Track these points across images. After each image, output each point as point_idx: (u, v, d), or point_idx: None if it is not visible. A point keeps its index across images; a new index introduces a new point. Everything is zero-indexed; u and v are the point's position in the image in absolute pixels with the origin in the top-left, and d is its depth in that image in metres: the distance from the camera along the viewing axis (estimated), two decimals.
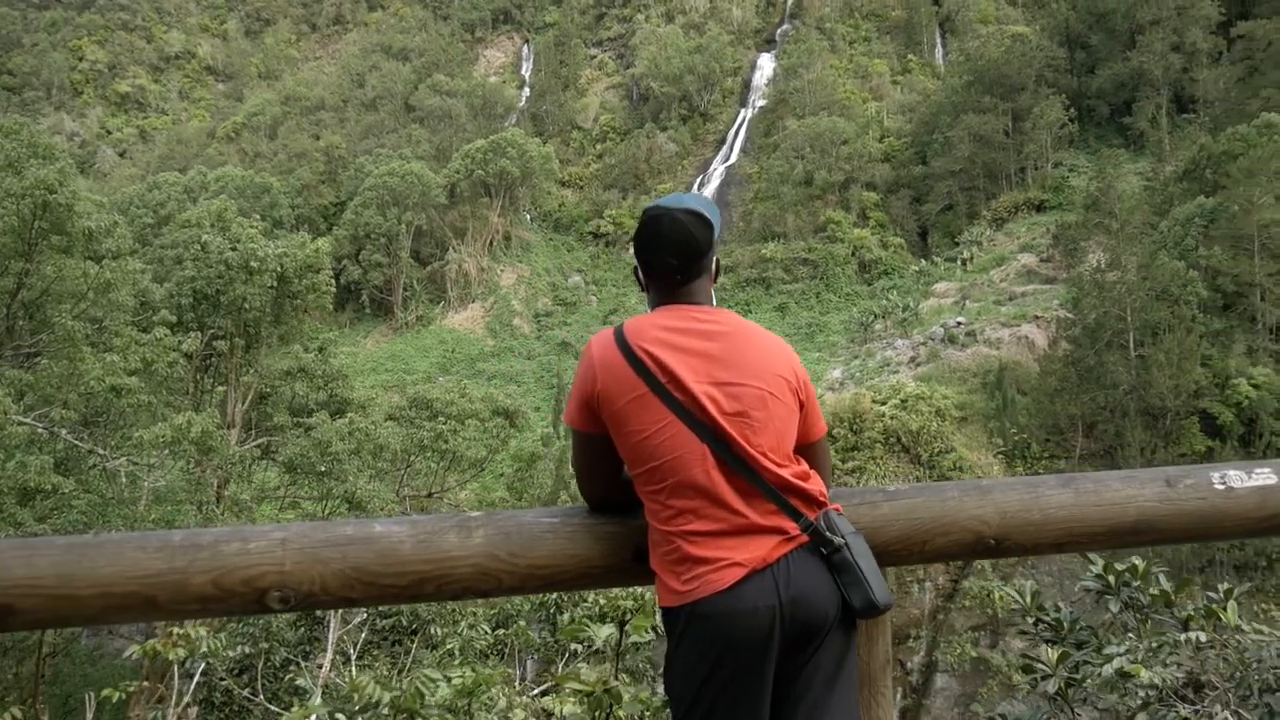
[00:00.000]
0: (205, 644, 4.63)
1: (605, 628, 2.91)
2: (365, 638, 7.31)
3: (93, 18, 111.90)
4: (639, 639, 2.93)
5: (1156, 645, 4.63)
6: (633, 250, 2.25)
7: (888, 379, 47.57)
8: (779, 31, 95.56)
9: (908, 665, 35.40)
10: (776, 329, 58.43)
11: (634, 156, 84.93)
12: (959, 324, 52.80)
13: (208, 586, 1.99)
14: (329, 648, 5.92)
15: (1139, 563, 4.86)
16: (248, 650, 7.02)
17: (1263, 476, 2.35)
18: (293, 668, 7.06)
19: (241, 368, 24.71)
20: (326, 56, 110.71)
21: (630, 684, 5.39)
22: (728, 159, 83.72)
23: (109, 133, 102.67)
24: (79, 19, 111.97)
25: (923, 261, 67.60)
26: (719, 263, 2.32)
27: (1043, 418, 44.62)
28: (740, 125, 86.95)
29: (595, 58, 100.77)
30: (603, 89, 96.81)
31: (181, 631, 4.64)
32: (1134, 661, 4.43)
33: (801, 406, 2.19)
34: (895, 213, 72.00)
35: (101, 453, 17.12)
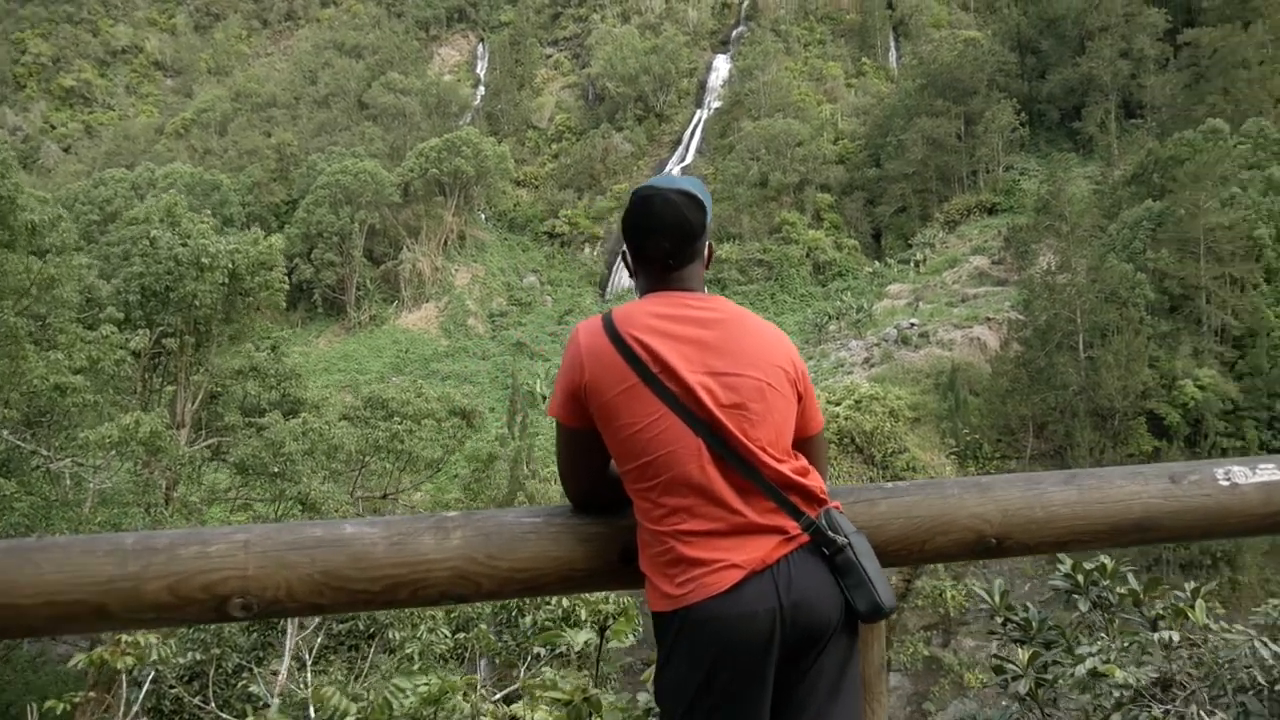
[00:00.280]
0: (155, 651, 4.45)
1: (583, 633, 2.79)
2: (321, 643, 7.13)
3: (36, 10, 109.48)
4: (619, 644, 2.80)
5: (1128, 645, 4.60)
6: (621, 233, 2.13)
7: (842, 380, 47.81)
8: (734, 33, 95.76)
9: None
10: None
11: (590, 156, 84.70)
12: (912, 325, 53.21)
13: (163, 593, 1.83)
14: (286, 654, 5.73)
15: (1108, 561, 4.83)
16: (199, 657, 6.81)
17: (1267, 472, 2.27)
18: (245, 674, 6.86)
19: (191, 366, 24.20)
20: (278, 53, 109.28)
21: (606, 692, 5.28)
22: (683, 160, 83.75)
23: (53, 128, 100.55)
24: (22, 11, 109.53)
25: (876, 263, 68.05)
26: (712, 248, 2.20)
27: (994, 418, 45.07)
28: (696, 126, 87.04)
29: (551, 57, 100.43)
30: (558, 89, 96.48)
31: (130, 638, 4.46)
32: (1107, 661, 4.39)
33: (800, 399, 2.07)
34: (849, 214, 72.41)
35: (45, 453, 16.71)
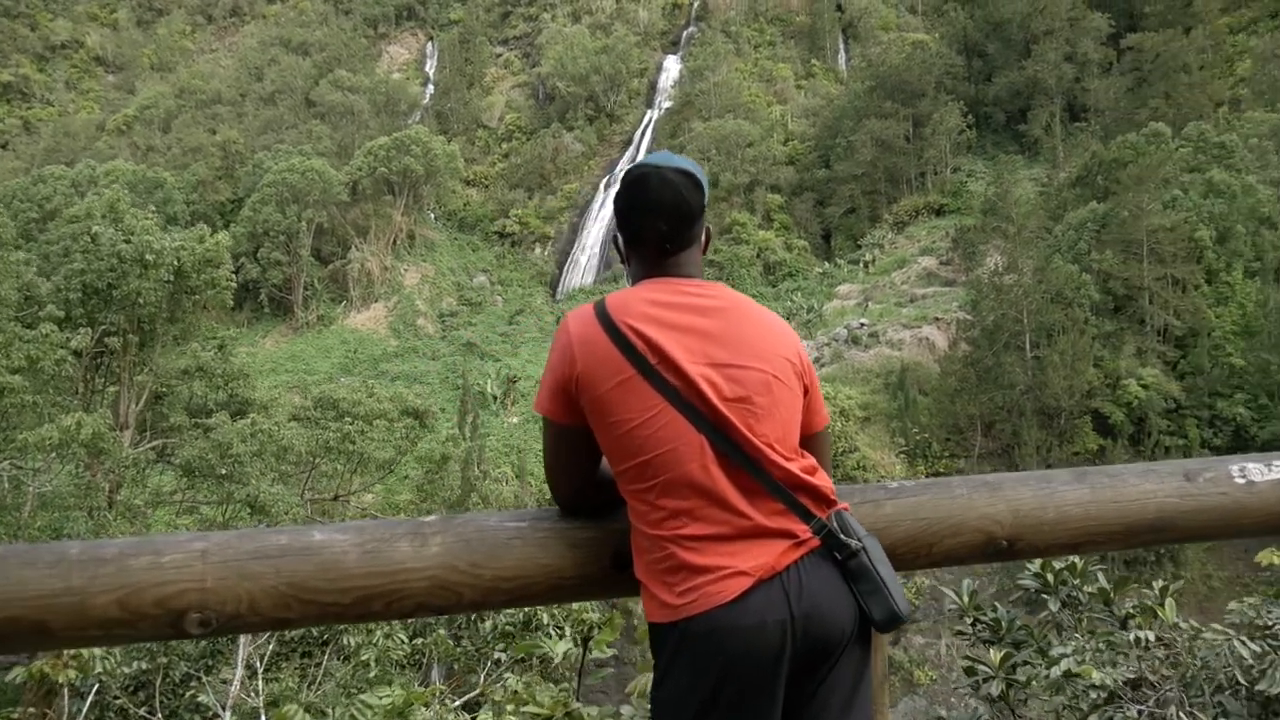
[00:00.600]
0: (100, 664, 4.23)
1: (563, 643, 2.64)
2: (273, 650, 6.90)
3: None
4: (599, 654, 2.66)
5: (1102, 645, 4.55)
6: (615, 215, 1.98)
7: None
8: (685, 34, 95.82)
9: None
10: None
11: (540, 156, 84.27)
12: (862, 325, 53.51)
13: (112, 608, 1.67)
14: (238, 664, 5.51)
15: (1077, 560, 4.78)
16: (144, 666, 6.55)
17: None
18: (194, 683, 6.61)
19: (135, 366, 23.61)
20: (223, 49, 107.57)
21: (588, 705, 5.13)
22: (634, 160, 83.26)
23: None
24: None
25: (826, 263, 68.36)
26: (710, 231, 2.05)
27: (943, 417, 45.46)
28: (646, 126, 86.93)
29: (501, 56, 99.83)
30: (508, 88, 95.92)
31: (73, 650, 4.24)
32: (1082, 662, 4.33)
33: (805, 392, 1.94)
34: (799, 215, 72.69)
35: None
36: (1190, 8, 69.10)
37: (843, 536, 1.78)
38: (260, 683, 6.35)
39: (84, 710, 5.16)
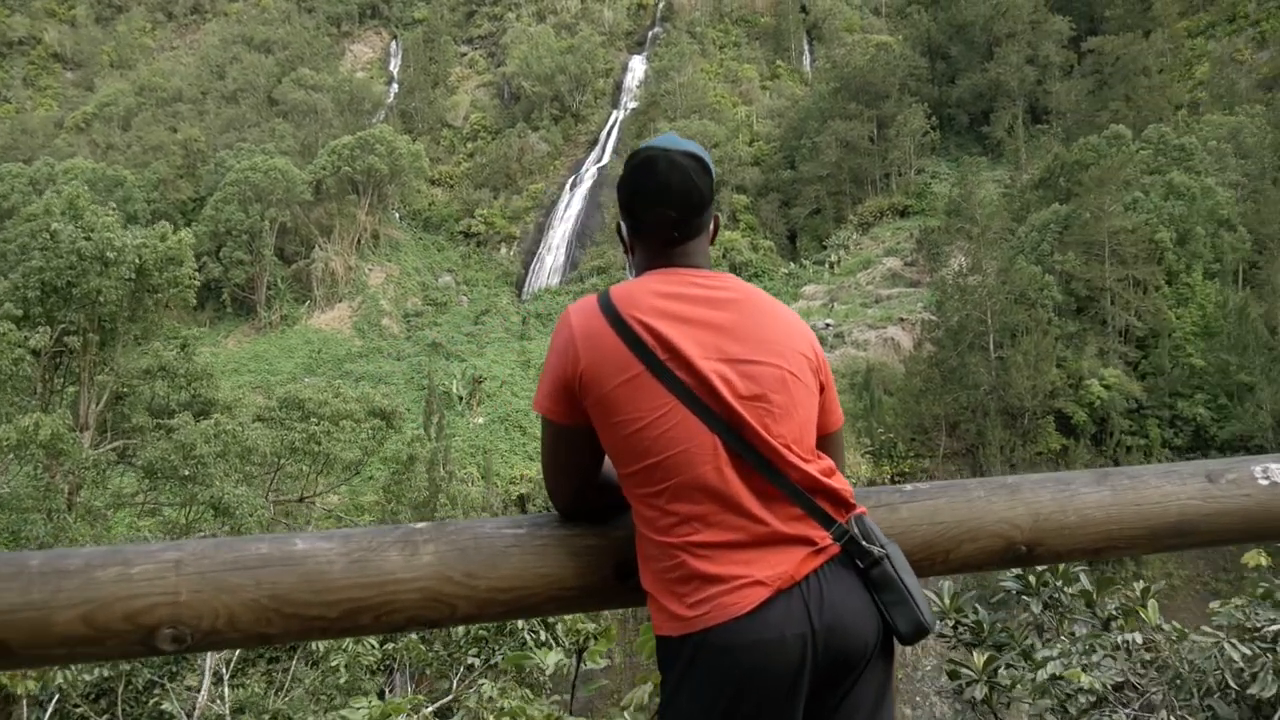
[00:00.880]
0: (59, 674, 4.07)
1: (554, 654, 2.53)
2: (240, 655, 6.72)
3: None
4: (593, 665, 2.55)
5: (1087, 648, 4.49)
6: (619, 201, 1.86)
7: None
8: (650, 34, 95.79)
9: None
10: None
11: (505, 156, 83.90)
12: (827, 325, 53.67)
13: (77, 624, 1.54)
14: (205, 671, 5.34)
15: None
16: (106, 673, 6.36)
17: None
18: (158, 690, 6.43)
19: (96, 366, 23.15)
20: (184, 46, 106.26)
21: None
22: (600, 160, 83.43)
23: None
24: None
25: (792, 264, 68.50)
26: (718, 220, 1.94)
27: (908, 417, 45.68)
28: (612, 126, 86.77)
29: (466, 55, 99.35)
30: (473, 87, 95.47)
31: None
32: (1068, 666, 4.27)
33: (821, 389, 1.84)
34: (765, 216, 72.80)
35: None
36: (1149, 12, 69.97)
37: (864, 543, 1.68)
38: (226, 689, 6.19)
39: None
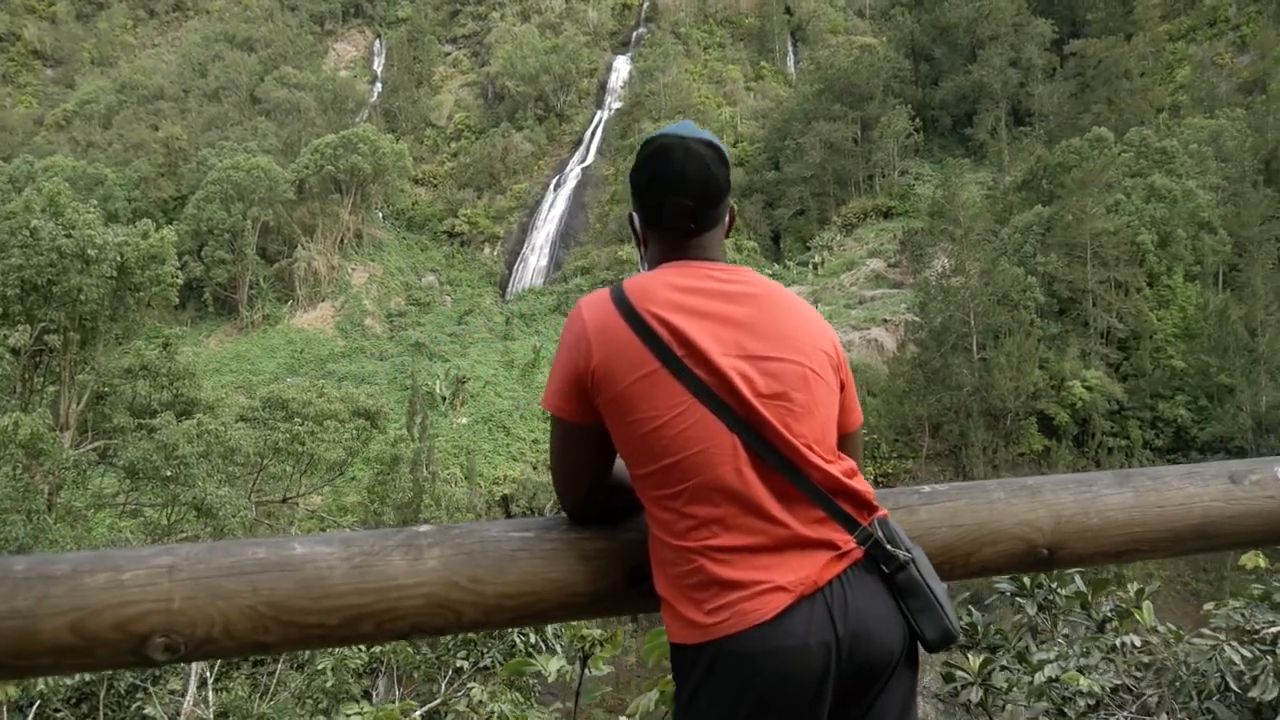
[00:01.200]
0: (41, 681, 3.98)
1: (555, 660, 2.46)
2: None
3: None
4: (597, 672, 2.49)
5: (1085, 650, 4.46)
6: (632, 191, 1.79)
7: None
8: (635, 34, 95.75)
9: None
10: None
11: (489, 155, 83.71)
12: None
13: (64, 633, 1.46)
14: (191, 675, 5.24)
15: None
16: (88, 677, 6.25)
17: None
18: (140, 695, 6.33)
19: (76, 365, 22.92)
20: (166, 44, 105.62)
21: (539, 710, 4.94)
22: (584, 160, 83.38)
23: None
24: None
25: (775, 265, 68.52)
26: (734, 212, 1.87)
27: (891, 418, 45.76)
28: (596, 127, 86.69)
29: (450, 55, 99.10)
30: (457, 87, 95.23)
31: None
32: (1065, 669, 4.24)
33: (842, 388, 1.78)
34: (749, 217, 72.83)
35: None
36: (1131, 15, 70.32)
37: (889, 547, 1.62)
38: (210, 694, 6.10)
39: None
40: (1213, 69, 65.56)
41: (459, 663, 5.81)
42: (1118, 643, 4.39)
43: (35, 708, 5.01)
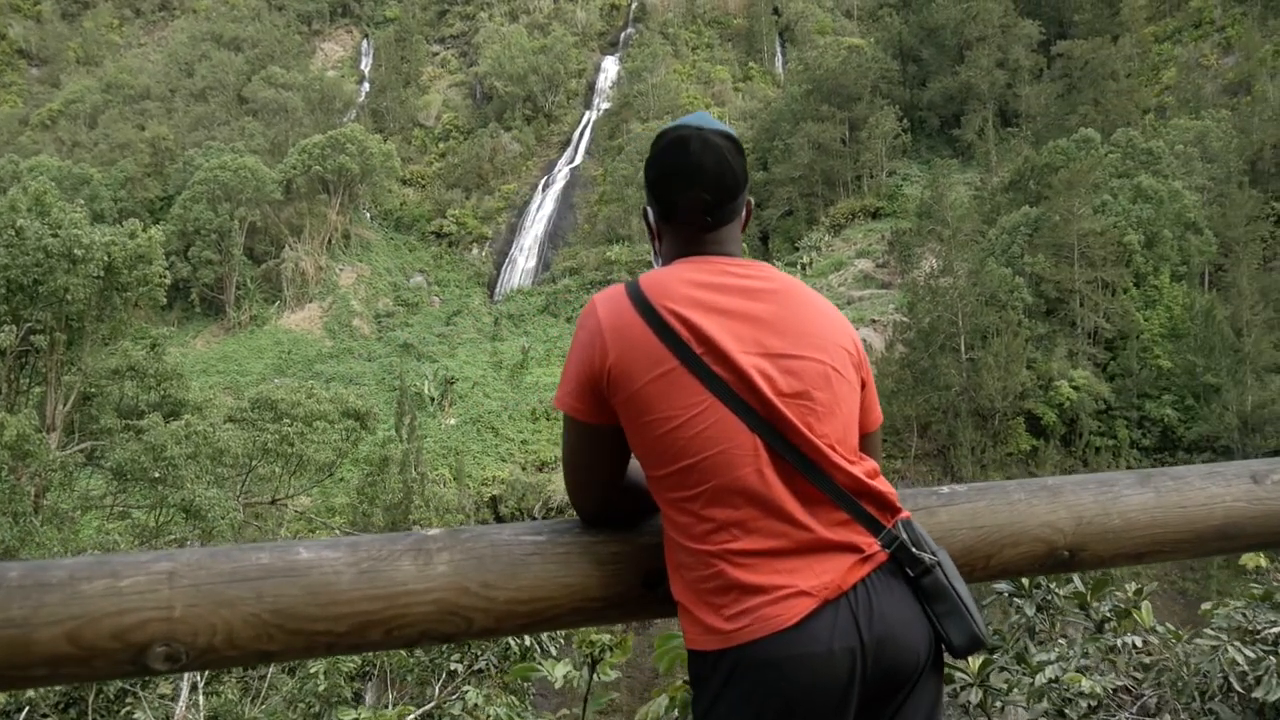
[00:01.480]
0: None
1: (561, 665, 2.41)
2: None
3: None
4: (604, 678, 2.44)
5: (1084, 651, 4.43)
6: (647, 183, 1.74)
7: None
8: (623, 35, 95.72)
9: None
10: None
11: (478, 156, 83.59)
12: None
13: (61, 643, 1.40)
14: (184, 680, 5.17)
15: None
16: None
17: None
18: (129, 700, 6.25)
19: (63, 366, 22.75)
20: (152, 43, 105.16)
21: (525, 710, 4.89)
22: (572, 160, 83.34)
23: None
24: None
25: None
26: (751, 206, 1.82)
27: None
28: (585, 127, 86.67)
29: (438, 55, 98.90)
30: (445, 87, 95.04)
31: None
32: (1066, 669, 4.21)
33: (863, 386, 1.74)
34: None
35: None
36: (1118, 16, 70.59)
37: (915, 550, 1.57)
38: (200, 698, 6.03)
39: None
40: (1198, 70, 65.85)
41: (453, 665, 5.76)
42: (1118, 643, 4.37)
43: (24, 714, 4.94)
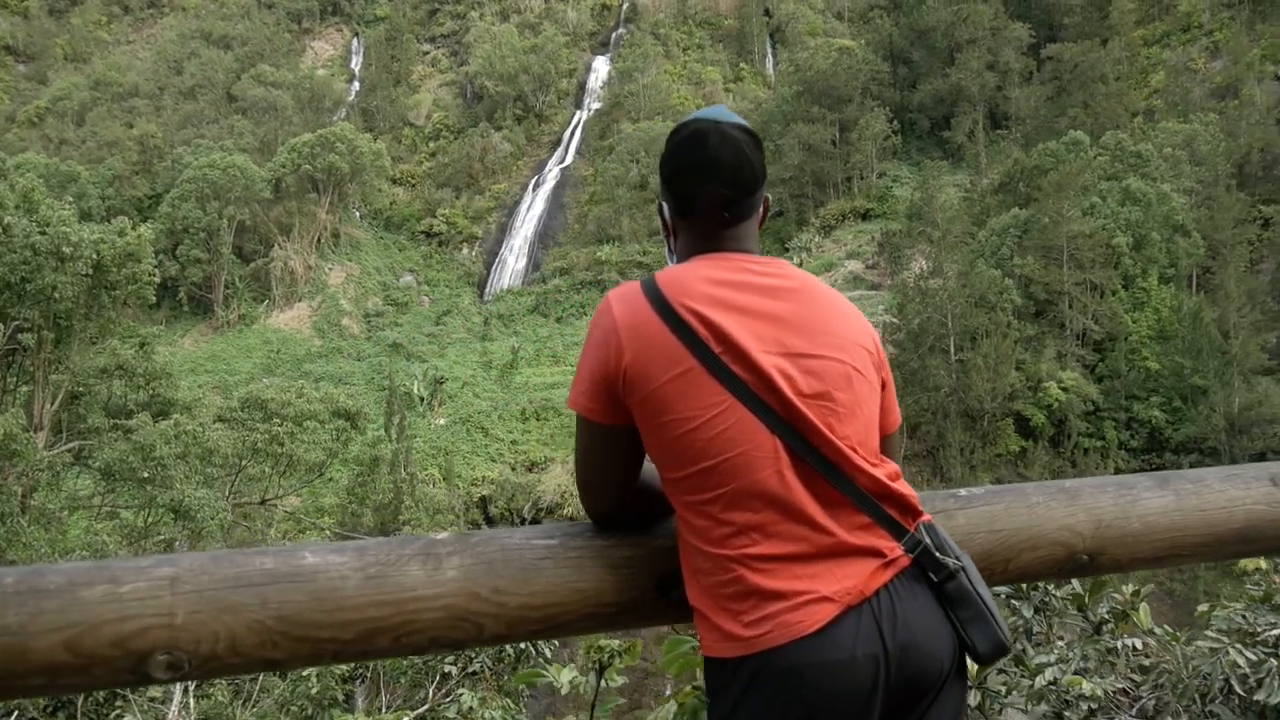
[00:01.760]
0: None
1: (567, 670, 2.38)
2: None
3: None
4: (611, 683, 2.40)
5: (1086, 653, 4.42)
6: (662, 178, 1.70)
7: None
8: (614, 35, 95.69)
9: None
10: None
11: (468, 155, 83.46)
12: None
13: (58, 651, 1.36)
14: (176, 685, 5.12)
15: None
16: None
17: None
18: (120, 703, 6.19)
19: (50, 364, 22.59)
20: (141, 41, 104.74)
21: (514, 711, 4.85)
22: (563, 161, 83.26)
23: None
24: None
25: None
26: (768, 202, 1.79)
27: None
28: (575, 127, 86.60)
29: (428, 54, 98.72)
30: (436, 86, 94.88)
31: None
32: (1066, 672, 4.19)
33: (883, 387, 1.70)
34: None
35: None
36: (1107, 20, 70.82)
37: (939, 554, 1.54)
38: (191, 700, 5.97)
39: None
40: (1186, 74, 66.09)
41: (446, 668, 5.72)
42: (1117, 645, 4.36)
43: (13, 717, 4.89)
